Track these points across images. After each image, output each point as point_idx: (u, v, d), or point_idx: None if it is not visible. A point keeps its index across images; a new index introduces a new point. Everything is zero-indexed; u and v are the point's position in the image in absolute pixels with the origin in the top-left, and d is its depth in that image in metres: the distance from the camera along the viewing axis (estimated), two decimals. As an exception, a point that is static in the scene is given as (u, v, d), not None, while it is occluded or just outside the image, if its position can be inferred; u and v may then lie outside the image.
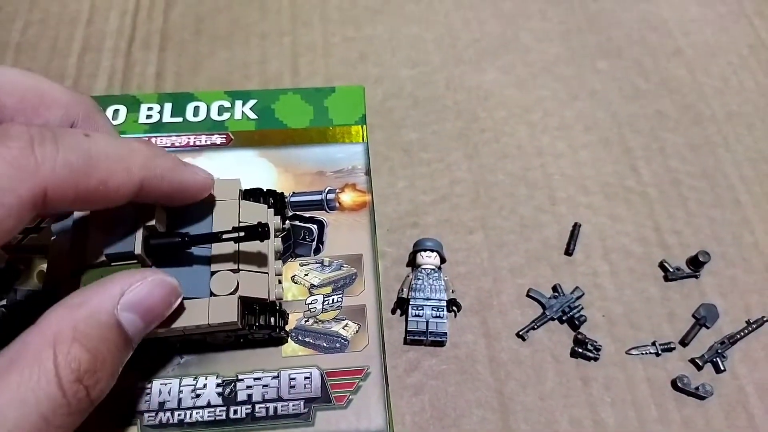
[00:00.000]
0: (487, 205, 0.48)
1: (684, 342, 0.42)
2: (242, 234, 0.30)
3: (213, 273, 0.31)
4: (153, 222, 0.30)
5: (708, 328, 0.43)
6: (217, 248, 0.32)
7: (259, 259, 0.33)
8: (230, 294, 0.31)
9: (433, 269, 0.43)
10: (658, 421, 0.39)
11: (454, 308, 0.43)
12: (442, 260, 0.44)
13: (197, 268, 0.32)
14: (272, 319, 0.33)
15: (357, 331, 0.35)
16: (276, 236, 0.35)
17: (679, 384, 0.40)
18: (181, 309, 0.30)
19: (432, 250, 0.43)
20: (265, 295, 0.32)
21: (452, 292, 0.43)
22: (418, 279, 0.42)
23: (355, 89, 0.44)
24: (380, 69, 0.55)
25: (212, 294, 0.31)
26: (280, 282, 0.35)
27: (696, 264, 0.44)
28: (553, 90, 0.54)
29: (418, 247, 0.44)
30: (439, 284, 0.42)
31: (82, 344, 0.25)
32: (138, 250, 0.29)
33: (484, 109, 0.53)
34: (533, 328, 0.42)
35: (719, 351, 0.41)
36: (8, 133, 0.24)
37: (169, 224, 0.32)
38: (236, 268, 0.32)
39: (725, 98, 0.54)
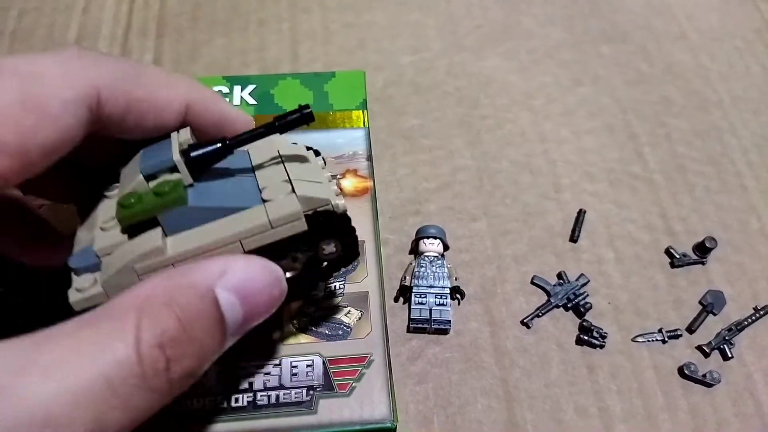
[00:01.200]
0: (490, 193, 0.47)
1: (691, 329, 0.41)
2: (286, 121, 0.27)
3: (262, 188, 0.27)
4: (189, 138, 0.27)
5: (715, 315, 0.42)
6: (263, 177, 0.28)
7: (310, 171, 0.29)
8: (287, 195, 0.27)
9: (436, 257, 0.42)
10: (665, 408, 0.39)
11: (458, 296, 0.42)
12: (445, 247, 0.43)
13: (244, 180, 0.28)
14: (345, 231, 0.29)
15: (359, 318, 0.35)
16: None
17: (686, 371, 0.39)
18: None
19: (435, 238, 0.43)
20: (326, 196, 0.27)
21: (455, 279, 0.43)
22: (421, 266, 0.42)
23: (356, 74, 0.43)
24: (380, 56, 0.54)
25: (265, 201, 0.27)
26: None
27: (703, 250, 0.44)
28: (556, 76, 0.53)
29: (421, 235, 0.43)
30: (442, 272, 0.41)
31: (172, 310, 0.22)
32: (177, 157, 0.25)
33: (486, 95, 0.52)
34: (538, 316, 0.42)
35: (726, 338, 0.41)
36: (62, 48, 0.25)
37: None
38: (287, 178, 0.28)
39: (731, 83, 0.53)
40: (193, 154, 0.26)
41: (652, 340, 0.41)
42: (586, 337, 0.40)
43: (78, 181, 0.30)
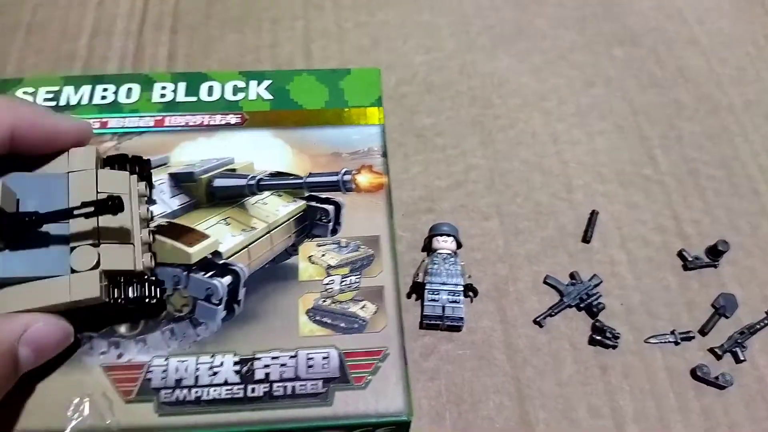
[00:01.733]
0: (503, 192, 0.47)
1: (703, 331, 0.41)
2: (92, 209, 0.29)
3: (73, 249, 0.30)
4: None
5: (727, 317, 0.42)
6: (76, 224, 0.31)
7: (121, 231, 0.32)
8: (91, 269, 0.30)
9: (449, 254, 0.42)
10: (677, 410, 0.39)
11: (471, 293, 0.42)
12: (459, 245, 0.43)
13: (55, 247, 0.30)
14: (142, 290, 0.32)
15: (375, 312, 0.34)
16: (143, 203, 0.34)
17: (698, 373, 0.39)
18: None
19: (448, 235, 0.43)
20: (130, 266, 0.31)
21: (468, 277, 0.43)
22: (434, 263, 0.42)
23: (371, 71, 0.43)
24: (393, 55, 0.54)
25: (73, 270, 0.30)
26: (152, 250, 0.34)
27: (715, 253, 0.44)
28: (569, 77, 0.53)
29: (435, 232, 0.43)
30: (455, 269, 0.41)
31: None
32: None
33: (498, 95, 0.52)
34: (551, 315, 0.42)
35: (738, 341, 0.41)
36: None
37: (20, 201, 0.30)
38: (97, 242, 0.30)
39: (742, 88, 0.53)
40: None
41: (665, 342, 0.41)
42: (599, 338, 0.40)
43: None
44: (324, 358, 0.33)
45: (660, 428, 0.38)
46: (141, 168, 0.35)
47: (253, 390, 0.32)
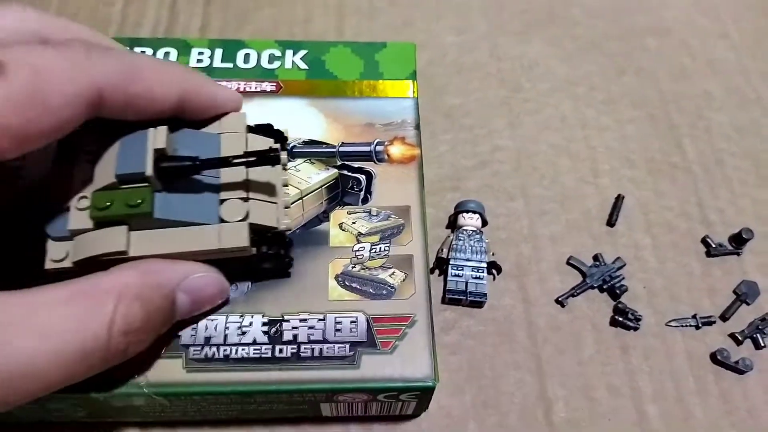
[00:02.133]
0: (529, 174, 0.47)
1: (724, 317, 0.42)
2: (253, 158, 0.30)
3: (222, 201, 0.31)
4: (163, 145, 0.30)
5: (749, 304, 0.42)
6: (226, 176, 0.32)
7: (268, 188, 0.33)
8: (240, 220, 0.31)
9: (474, 231, 0.42)
10: (696, 393, 0.39)
11: (494, 270, 0.42)
12: (484, 223, 0.43)
13: (206, 195, 0.31)
14: (279, 248, 0.33)
15: (404, 280, 0.35)
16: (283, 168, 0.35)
17: (718, 357, 0.40)
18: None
19: (474, 212, 0.43)
20: (274, 223, 0.32)
21: (492, 254, 0.43)
22: (459, 240, 0.42)
23: (407, 45, 0.44)
24: (425, 34, 0.55)
25: (222, 220, 0.31)
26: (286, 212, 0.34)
27: (739, 241, 0.44)
28: (600, 65, 0.53)
29: (461, 208, 0.43)
30: (480, 246, 0.42)
31: (141, 305, 0.27)
32: (149, 171, 0.29)
33: (528, 79, 0.52)
34: (573, 295, 0.42)
35: (759, 327, 0.41)
36: (68, 43, 0.27)
37: (177, 151, 0.31)
38: (246, 196, 0.32)
39: (771, 83, 0.53)
40: (164, 165, 0.30)
41: (686, 326, 0.41)
42: (621, 319, 0.41)
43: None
44: (352, 322, 0.33)
45: (678, 410, 0.39)
46: (282, 138, 0.36)
47: (281, 350, 0.32)
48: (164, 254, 0.30)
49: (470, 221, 0.43)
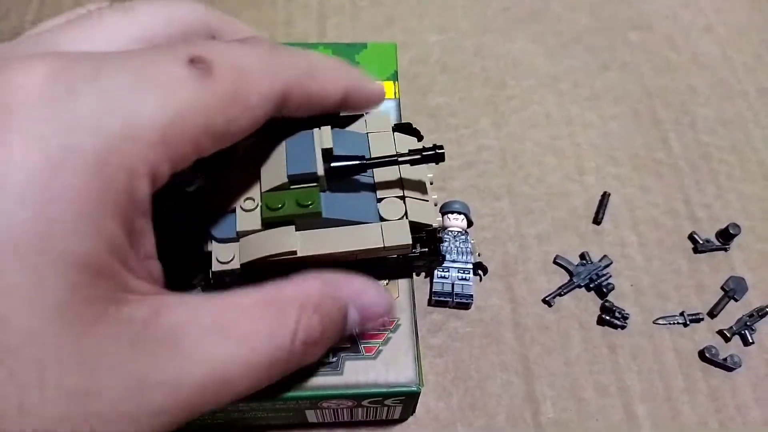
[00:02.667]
0: (514, 173, 0.47)
1: (712, 314, 0.41)
2: (418, 156, 0.30)
3: (380, 200, 0.31)
4: (330, 145, 0.30)
5: (736, 300, 0.42)
6: (380, 175, 0.32)
7: (420, 186, 0.33)
8: (400, 218, 0.31)
9: (459, 232, 0.42)
10: (685, 390, 0.39)
11: (480, 271, 0.42)
12: (469, 223, 0.43)
13: (365, 194, 0.31)
14: (433, 246, 0.33)
15: (387, 283, 0.35)
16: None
17: (707, 354, 0.39)
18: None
19: (460, 213, 0.43)
20: (430, 221, 0.32)
21: (479, 255, 0.43)
22: (445, 241, 0.42)
23: (387, 46, 0.43)
24: (407, 34, 0.54)
25: (382, 219, 0.31)
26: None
27: (726, 237, 0.44)
28: (583, 60, 0.53)
29: (446, 209, 0.43)
30: (465, 247, 0.41)
31: (321, 318, 0.26)
32: (320, 171, 0.29)
33: (512, 77, 0.52)
34: (560, 295, 0.42)
35: (747, 323, 0.41)
36: (256, 39, 0.27)
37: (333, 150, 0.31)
38: (402, 194, 0.32)
39: (757, 75, 0.53)
40: (334, 165, 0.30)
41: (674, 323, 0.41)
42: (608, 317, 0.40)
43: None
44: (335, 327, 0.33)
45: (667, 408, 0.38)
46: (420, 137, 0.36)
47: (264, 357, 0.32)
48: (329, 253, 0.30)
49: (456, 222, 0.42)
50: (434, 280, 0.41)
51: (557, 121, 0.50)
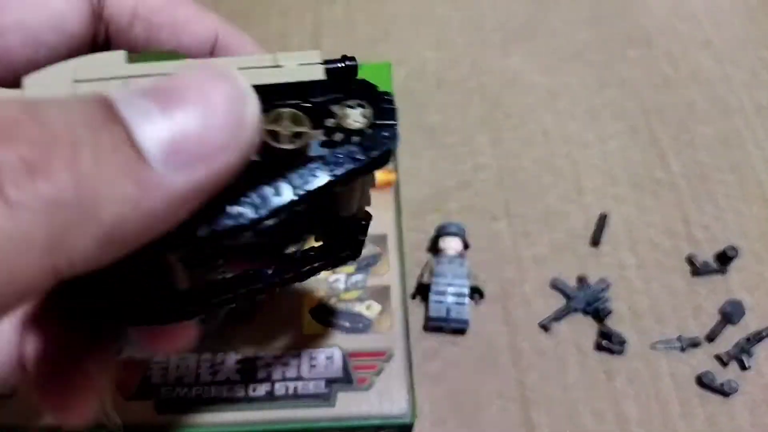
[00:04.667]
0: (512, 192, 0.47)
1: (710, 338, 0.41)
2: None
3: None
4: None
5: (734, 324, 0.41)
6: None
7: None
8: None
9: (455, 255, 0.42)
10: (682, 416, 0.39)
11: (476, 295, 0.42)
12: (466, 246, 0.43)
13: None
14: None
15: (381, 312, 0.34)
16: None
17: (704, 380, 0.39)
18: None
19: (455, 235, 0.42)
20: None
21: (474, 278, 0.42)
22: (441, 264, 0.41)
23: (382, 66, 0.43)
24: (404, 49, 0.54)
25: None
26: None
27: (723, 260, 0.43)
28: (581, 77, 0.53)
29: (442, 232, 0.43)
30: (461, 270, 0.41)
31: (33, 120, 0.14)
32: None
33: (509, 93, 0.52)
34: (556, 319, 0.41)
35: (745, 348, 0.40)
36: None
37: None
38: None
39: (754, 91, 0.52)
40: None
41: (671, 348, 0.40)
42: (605, 343, 0.40)
43: None
44: (327, 358, 0.33)
45: (664, 436, 0.38)
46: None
47: (254, 389, 0.32)
48: None
49: (451, 245, 0.42)
50: (430, 303, 0.40)
51: (555, 139, 0.49)
